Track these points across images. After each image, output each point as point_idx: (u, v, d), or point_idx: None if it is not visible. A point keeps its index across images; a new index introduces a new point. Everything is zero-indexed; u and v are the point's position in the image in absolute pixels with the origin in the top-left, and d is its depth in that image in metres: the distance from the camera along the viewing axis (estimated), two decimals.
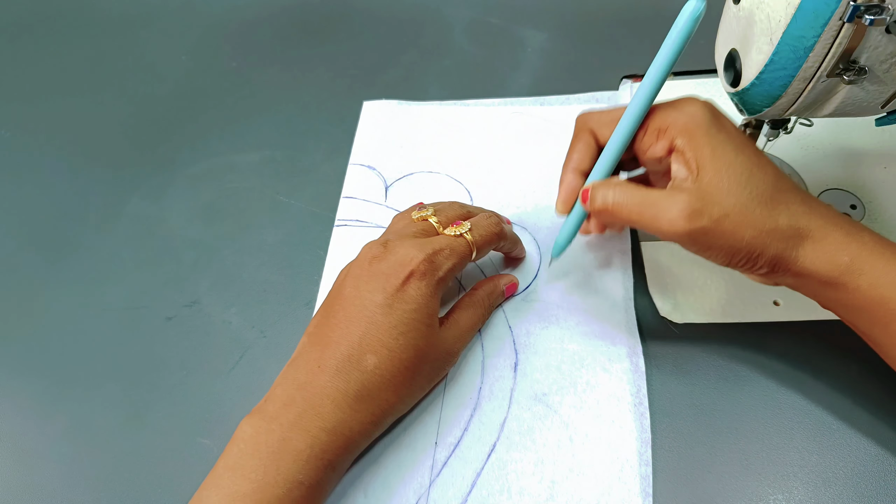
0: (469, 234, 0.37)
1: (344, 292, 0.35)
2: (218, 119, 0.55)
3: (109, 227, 0.49)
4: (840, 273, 0.31)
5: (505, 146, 0.50)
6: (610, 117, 0.36)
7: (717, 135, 0.33)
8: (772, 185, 0.32)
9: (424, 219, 0.39)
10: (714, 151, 0.32)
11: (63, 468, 0.38)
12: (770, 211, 0.32)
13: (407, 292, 0.34)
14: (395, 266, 0.35)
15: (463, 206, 0.41)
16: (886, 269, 0.31)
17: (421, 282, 0.34)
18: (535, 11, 0.60)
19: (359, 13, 0.62)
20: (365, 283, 0.35)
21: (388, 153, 0.51)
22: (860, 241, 0.32)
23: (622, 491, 0.35)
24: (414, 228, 0.38)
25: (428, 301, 0.35)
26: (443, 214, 0.39)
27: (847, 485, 0.35)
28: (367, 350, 0.33)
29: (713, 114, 0.34)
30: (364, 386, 0.33)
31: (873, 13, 0.27)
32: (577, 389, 0.38)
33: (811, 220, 0.32)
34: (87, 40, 0.62)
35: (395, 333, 0.33)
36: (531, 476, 0.35)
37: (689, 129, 0.33)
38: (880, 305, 0.31)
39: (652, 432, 0.36)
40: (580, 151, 0.38)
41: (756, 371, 0.38)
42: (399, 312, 0.34)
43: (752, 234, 0.32)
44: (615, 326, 0.40)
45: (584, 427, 0.37)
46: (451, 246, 0.36)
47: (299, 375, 0.33)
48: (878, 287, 0.31)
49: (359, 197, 0.48)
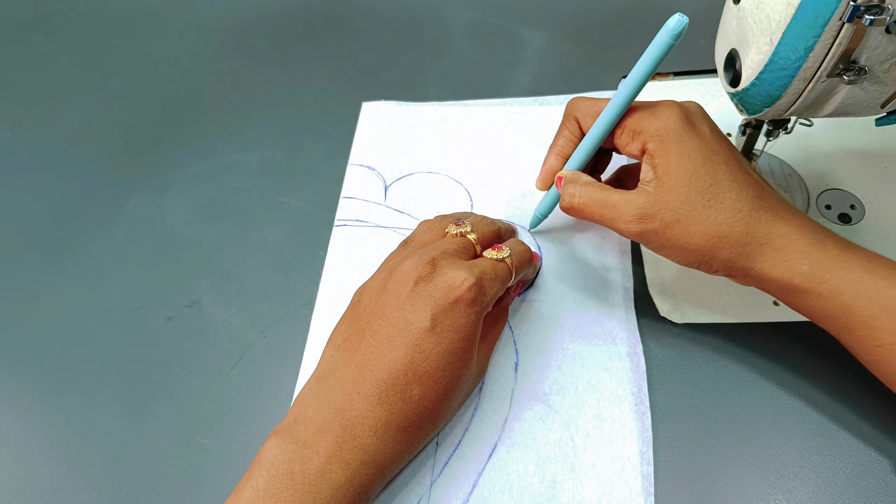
0: (510, 258, 0.36)
1: (385, 311, 0.33)
2: (218, 119, 0.55)
3: (110, 227, 0.49)
4: (800, 281, 0.32)
5: (504, 147, 0.50)
6: (594, 109, 0.38)
7: (687, 142, 0.34)
8: (737, 192, 0.33)
9: (463, 235, 0.38)
10: (680, 159, 0.34)
11: (63, 468, 0.38)
12: (727, 218, 0.33)
13: (456, 319, 0.33)
14: (445, 289, 0.33)
15: (493, 223, 0.40)
16: (848, 278, 0.31)
17: (471, 309, 0.33)
18: (535, 11, 0.60)
19: (359, 13, 0.62)
20: (410, 304, 0.33)
21: (388, 154, 0.51)
22: (823, 249, 0.32)
23: (624, 490, 0.35)
24: (455, 245, 0.36)
25: (474, 329, 0.33)
26: (479, 231, 0.38)
27: (847, 485, 0.35)
28: (412, 380, 0.32)
29: (688, 120, 0.35)
30: (407, 417, 0.32)
31: (873, 13, 0.28)
32: (577, 389, 0.38)
33: (773, 228, 0.33)
34: (87, 40, 0.62)
35: (441, 364, 0.32)
36: (532, 476, 0.35)
37: (660, 135, 0.34)
38: (843, 313, 0.32)
39: (652, 432, 0.36)
40: (564, 137, 0.40)
41: (756, 371, 0.38)
42: (447, 341, 0.32)
43: (703, 240, 0.33)
44: (616, 326, 0.40)
45: (585, 427, 0.37)
46: (496, 270, 0.35)
47: (335, 398, 0.32)
48: (839, 295, 0.32)
49: (358, 197, 0.48)
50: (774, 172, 0.46)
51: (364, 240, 0.46)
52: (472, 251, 0.37)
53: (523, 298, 0.42)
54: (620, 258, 0.43)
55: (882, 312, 0.31)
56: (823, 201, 0.44)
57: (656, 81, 0.52)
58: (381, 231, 0.46)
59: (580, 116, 0.39)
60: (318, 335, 0.42)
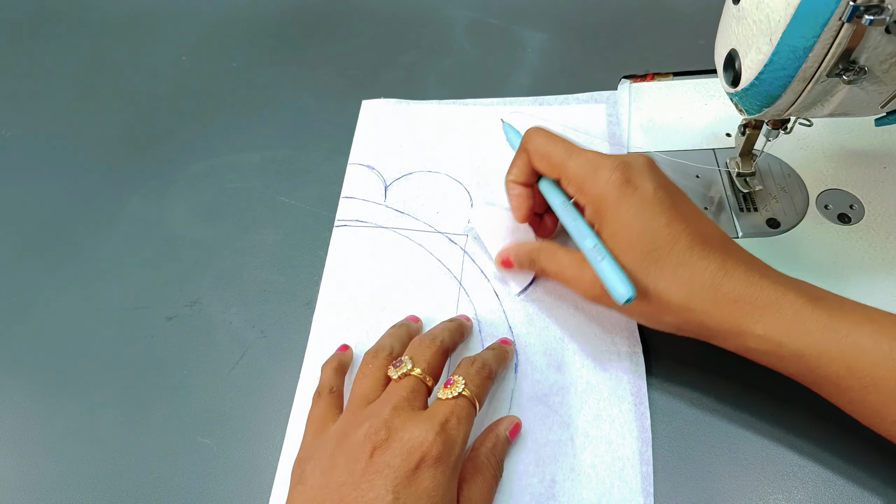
0: (467, 390, 0.33)
1: (340, 493, 0.29)
2: (218, 119, 0.55)
3: (110, 227, 0.49)
4: (756, 343, 0.32)
5: (504, 146, 0.50)
6: (545, 150, 0.37)
7: (626, 209, 0.34)
8: (679, 256, 0.33)
9: (407, 374, 0.34)
10: (616, 226, 0.34)
11: (63, 468, 0.38)
12: (668, 285, 0.33)
13: (420, 485, 0.29)
14: (403, 455, 0.29)
15: (433, 339, 0.36)
16: (807, 340, 0.31)
17: (437, 469, 0.29)
18: (535, 12, 0.60)
19: (359, 13, 0.62)
20: (367, 481, 0.29)
21: (388, 152, 0.51)
22: (778, 310, 0.31)
23: (623, 490, 0.35)
24: (404, 392, 0.32)
25: (445, 491, 0.30)
26: (422, 361, 0.34)
27: (847, 485, 0.35)
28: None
29: (628, 183, 0.34)
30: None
31: (873, 13, 0.28)
32: (577, 390, 0.38)
33: (720, 291, 0.32)
34: (88, 40, 0.62)
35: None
36: (532, 476, 0.35)
37: (598, 201, 0.35)
38: (808, 373, 0.31)
39: (652, 431, 0.36)
40: (518, 167, 0.39)
41: (755, 371, 0.38)
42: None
43: (647, 305, 0.34)
44: (614, 326, 0.40)
45: (584, 427, 0.37)
46: (455, 411, 0.32)
47: None
48: (801, 357, 0.31)
49: (358, 197, 0.48)
50: (774, 173, 0.46)
51: (364, 240, 0.46)
52: (424, 388, 0.34)
53: (524, 298, 0.42)
54: None
55: (848, 373, 0.30)
56: (823, 201, 0.44)
57: (656, 81, 0.52)
58: (381, 231, 0.46)
59: (531, 151, 0.38)
60: (319, 336, 0.42)
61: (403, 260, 0.45)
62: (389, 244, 0.45)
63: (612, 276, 0.33)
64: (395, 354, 0.36)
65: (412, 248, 0.45)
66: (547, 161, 0.37)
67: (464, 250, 0.45)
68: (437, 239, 0.46)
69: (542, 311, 0.41)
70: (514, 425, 0.36)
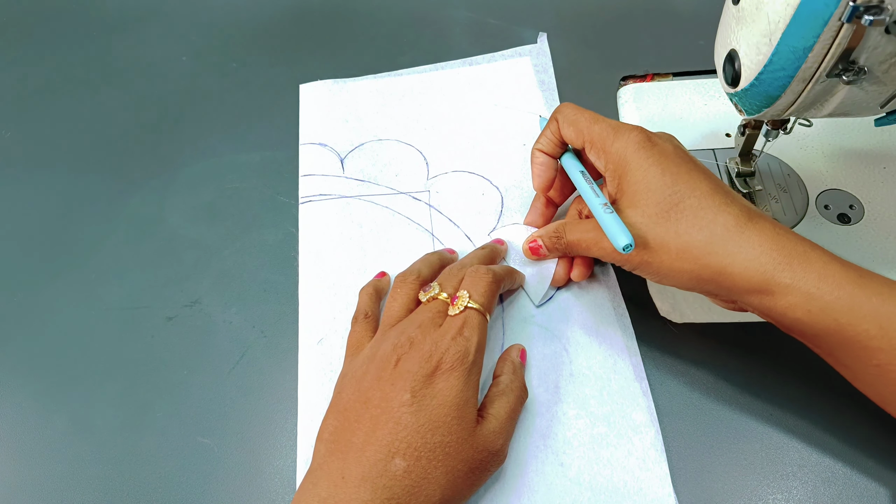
0: (472, 301, 0.35)
1: (368, 395, 0.33)
2: (218, 119, 0.55)
3: (110, 226, 0.49)
4: (782, 294, 0.31)
5: (444, 107, 0.53)
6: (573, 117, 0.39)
7: (645, 158, 0.35)
8: (700, 200, 0.33)
9: (434, 298, 0.37)
10: (636, 175, 0.35)
11: (63, 468, 0.38)
12: (688, 228, 0.33)
13: (435, 386, 0.32)
14: (421, 362, 0.33)
15: (462, 267, 0.39)
16: (838, 293, 0.30)
17: (451, 374, 0.32)
18: (535, 12, 0.60)
19: (359, 13, 0.62)
20: (390, 384, 0.32)
21: (335, 129, 0.52)
22: (806, 261, 0.31)
23: (619, 380, 0.38)
24: (430, 313, 0.36)
25: (459, 392, 0.32)
26: (449, 287, 0.37)
27: (847, 485, 0.35)
28: (395, 453, 0.31)
29: (648, 140, 0.36)
30: (393, 493, 0.30)
31: (873, 13, 0.28)
32: (560, 306, 0.41)
33: (744, 236, 0.32)
34: (88, 40, 0.62)
35: (423, 432, 0.31)
36: (537, 387, 0.38)
37: (620, 154, 0.36)
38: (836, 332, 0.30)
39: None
40: (546, 137, 0.41)
41: (755, 371, 0.39)
42: (427, 410, 0.31)
43: (666, 253, 0.33)
44: (608, 326, 0.41)
45: (574, 336, 0.40)
46: (466, 322, 0.34)
47: (320, 490, 0.31)
48: (830, 311, 0.30)
49: (317, 173, 0.50)
50: (773, 173, 0.46)
51: (332, 211, 0.47)
52: (447, 310, 0.36)
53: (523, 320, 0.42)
54: None
55: (880, 332, 0.29)
56: (823, 201, 0.44)
57: (656, 82, 0.52)
58: (346, 201, 0.48)
59: (560, 119, 0.39)
60: (308, 305, 0.43)
61: (374, 222, 0.46)
62: (357, 211, 0.47)
63: (614, 227, 0.34)
64: (422, 277, 0.39)
65: (380, 211, 0.47)
66: (574, 127, 0.38)
67: (429, 205, 0.47)
68: (402, 199, 0.48)
69: (541, 333, 0.41)
70: (521, 351, 0.39)
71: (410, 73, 0.56)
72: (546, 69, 0.54)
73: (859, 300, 0.29)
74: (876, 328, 0.29)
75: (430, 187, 0.48)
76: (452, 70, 0.55)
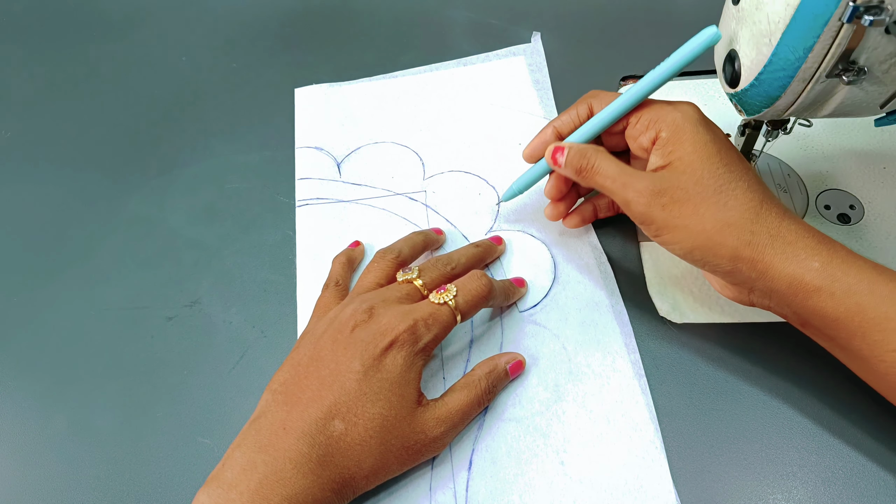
0: (454, 300, 0.36)
1: (321, 354, 0.34)
2: (218, 119, 0.55)
3: (110, 227, 0.49)
4: (812, 277, 0.31)
5: (439, 107, 0.53)
6: (610, 98, 0.39)
7: (703, 133, 0.35)
8: (748, 184, 0.34)
9: (409, 281, 0.38)
10: (695, 146, 0.34)
11: (63, 468, 0.38)
12: (738, 205, 0.33)
13: (384, 362, 0.34)
14: (376, 335, 0.34)
15: (448, 263, 0.40)
16: (861, 276, 0.31)
17: (399, 352, 0.34)
18: (535, 12, 0.60)
19: (358, 14, 0.62)
20: (343, 348, 0.34)
21: (331, 132, 0.52)
22: (832, 249, 0.32)
23: (619, 378, 0.38)
24: (398, 293, 0.37)
25: (404, 371, 0.34)
26: (427, 276, 0.38)
27: (847, 485, 0.35)
28: (335, 415, 0.32)
29: (703, 116, 0.36)
30: (328, 451, 0.32)
31: (873, 14, 0.28)
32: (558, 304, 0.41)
33: (783, 223, 0.33)
34: (88, 41, 0.62)
35: (365, 401, 0.33)
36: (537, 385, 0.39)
37: (677, 124, 0.35)
38: (857, 313, 0.31)
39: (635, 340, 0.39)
40: (569, 115, 0.40)
41: (755, 371, 0.39)
42: (373, 381, 0.33)
43: (712, 223, 0.33)
44: (606, 325, 0.41)
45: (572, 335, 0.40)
46: (434, 315, 0.35)
47: (262, 437, 0.32)
48: (853, 294, 0.31)
49: (314, 177, 0.50)
50: (774, 173, 0.46)
51: (329, 215, 0.48)
52: (418, 296, 0.37)
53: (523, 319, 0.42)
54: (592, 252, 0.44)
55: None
56: (823, 201, 0.44)
57: None
58: (343, 205, 0.48)
59: (595, 103, 0.40)
60: (305, 311, 0.43)
61: (371, 225, 0.47)
62: (354, 215, 0.47)
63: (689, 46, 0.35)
64: (401, 257, 0.40)
65: (377, 213, 0.47)
66: None
67: (425, 205, 0.47)
68: (399, 200, 0.48)
69: (538, 331, 0.41)
70: (515, 361, 0.39)
71: (405, 75, 0.56)
72: (541, 68, 0.54)
73: (880, 283, 0.31)
74: (895, 310, 0.30)
75: (427, 187, 0.48)
76: (447, 70, 0.55)
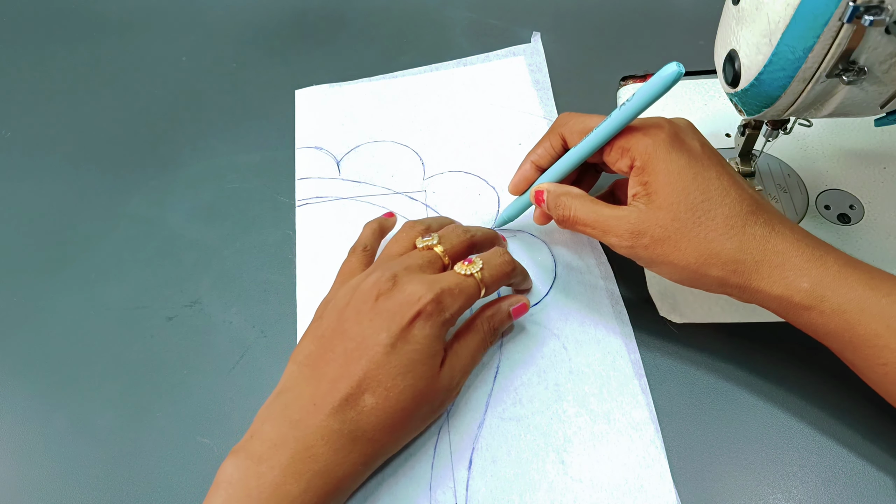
0: (480, 273, 0.36)
1: (345, 326, 0.34)
2: (218, 119, 0.55)
3: (110, 227, 0.49)
4: (801, 298, 0.32)
5: (440, 107, 0.53)
6: (581, 126, 0.38)
7: (676, 159, 0.34)
8: (729, 207, 0.33)
9: (430, 247, 0.37)
10: (668, 177, 0.34)
11: (63, 468, 0.38)
12: (718, 235, 0.33)
13: (412, 333, 0.33)
14: (403, 305, 0.33)
15: (467, 230, 0.39)
16: (850, 295, 0.31)
17: (426, 322, 0.33)
18: (535, 12, 0.60)
19: (358, 14, 0.62)
20: (369, 320, 0.33)
21: (331, 132, 0.52)
22: (823, 265, 0.32)
23: (619, 377, 0.38)
24: (420, 260, 0.36)
25: (432, 342, 0.33)
26: (448, 242, 0.38)
27: (847, 485, 0.35)
28: (365, 390, 0.32)
29: (676, 137, 0.35)
30: (359, 426, 0.32)
31: (873, 14, 0.28)
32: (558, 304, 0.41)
33: (769, 244, 0.33)
34: (88, 41, 0.62)
35: (395, 374, 0.32)
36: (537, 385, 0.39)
37: (648, 152, 0.35)
38: (846, 330, 0.31)
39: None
40: (544, 148, 0.40)
41: (755, 371, 0.39)
42: (402, 353, 0.33)
43: (693, 257, 0.33)
44: (606, 324, 0.41)
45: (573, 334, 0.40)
46: (461, 286, 0.35)
47: (292, 412, 0.32)
48: (842, 312, 0.31)
49: (314, 176, 0.50)
50: (773, 173, 0.46)
51: (329, 213, 0.48)
52: (440, 264, 0.37)
53: None
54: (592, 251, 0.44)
55: (887, 331, 0.30)
56: (823, 201, 0.44)
57: None
58: (343, 202, 0.48)
59: (566, 133, 0.39)
60: (305, 310, 0.43)
61: None
62: (354, 212, 0.47)
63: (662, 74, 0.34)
64: (431, 231, 0.39)
65: (377, 212, 0.47)
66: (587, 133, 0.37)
67: (425, 204, 0.47)
68: (399, 199, 0.48)
69: (538, 332, 0.41)
70: (519, 304, 0.39)
71: (405, 75, 0.56)
72: (540, 68, 0.55)
73: (870, 301, 0.31)
74: (884, 327, 0.30)
75: (427, 187, 0.48)
76: (447, 70, 0.56)
